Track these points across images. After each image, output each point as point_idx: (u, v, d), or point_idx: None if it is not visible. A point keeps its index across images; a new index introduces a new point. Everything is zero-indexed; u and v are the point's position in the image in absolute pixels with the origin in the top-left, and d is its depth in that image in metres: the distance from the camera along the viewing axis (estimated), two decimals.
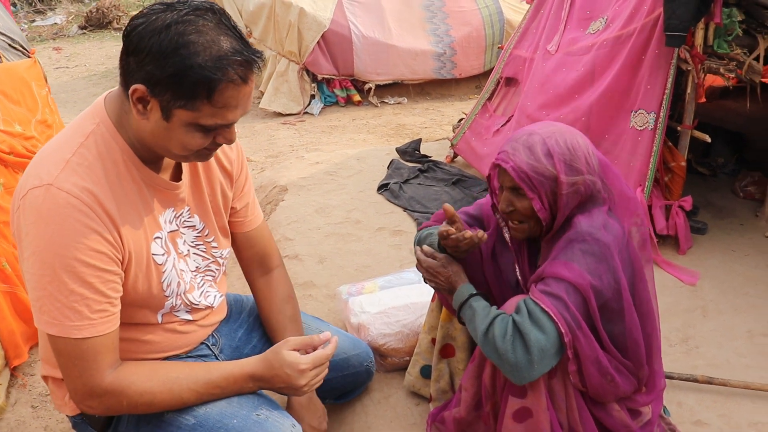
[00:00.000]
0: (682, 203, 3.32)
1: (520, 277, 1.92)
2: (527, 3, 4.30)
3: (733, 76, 3.18)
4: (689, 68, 3.15)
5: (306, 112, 6.56)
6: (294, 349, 1.66)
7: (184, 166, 1.71)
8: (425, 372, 2.23)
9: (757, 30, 3.19)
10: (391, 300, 2.55)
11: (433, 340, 2.15)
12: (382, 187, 4.20)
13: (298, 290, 3.05)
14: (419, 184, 4.27)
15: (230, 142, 1.54)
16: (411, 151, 4.81)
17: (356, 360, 2.18)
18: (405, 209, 3.91)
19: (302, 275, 3.19)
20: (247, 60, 1.43)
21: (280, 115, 6.54)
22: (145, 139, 1.52)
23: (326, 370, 1.72)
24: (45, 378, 1.76)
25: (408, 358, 2.38)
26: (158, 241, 1.63)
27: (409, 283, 2.70)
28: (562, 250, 1.72)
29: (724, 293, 3.01)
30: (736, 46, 3.17)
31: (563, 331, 1.65)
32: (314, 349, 1.71)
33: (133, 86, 1.42)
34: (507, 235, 1.93)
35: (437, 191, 4.17)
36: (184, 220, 1.73)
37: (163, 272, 1.65)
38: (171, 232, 1.69)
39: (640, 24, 3.22)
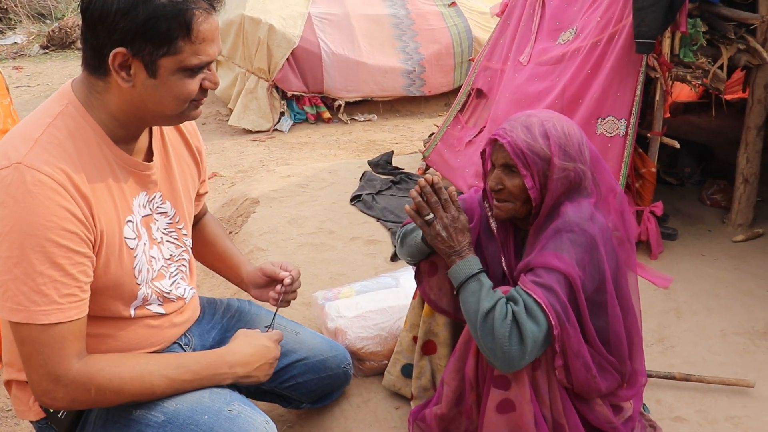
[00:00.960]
0: (653, 209, 3.37)
1: (506, 268, 1.91)
2: (497, 16, 4.35)
3: (699, 83, 3.25)
4: (657, 76, 3.22)
5: (276, 129, 6.53)
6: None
7: (156, 149, 1.69)
8: (406, 371, 2.21)
9: (720, 41, 3.28)
10: (369, 304, 2.53)
11: (415, 338, 2.13)
12: (355, 199, 4.18)
13: None
14: (392, 195, 4.27)
15: (215, 85, 1.55)
16: (383, 164, 4.81)
17: (333, 362, 2.15)
18: (378, 219, 3.90)
19: None
20: None
21: (250, 132, 6.50)
22: (131, 110, 1.51)
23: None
24: (8, 383, 1.68)
25: (386, 362, 2.35)
26: (130, 224, 1.59)
27: (386, 287, 2.68)
28: (550, 239, 1.72)
29: (696, 295, 3.05)
30: (701, 56, 3.25)
31: (554, 323, 1.64)
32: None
33: (112, 53, 1.41)
34: (494, 225, 1.93)
35: (410, 202, 4.16)
36: (157, 206, 1.70)
37: (135, 257, 1.60)
38: (145, 216, 1.65)
39: (608, 33, 3.28)
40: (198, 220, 2.06)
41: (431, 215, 1.82)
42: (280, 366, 2.01)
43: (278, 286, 2.00)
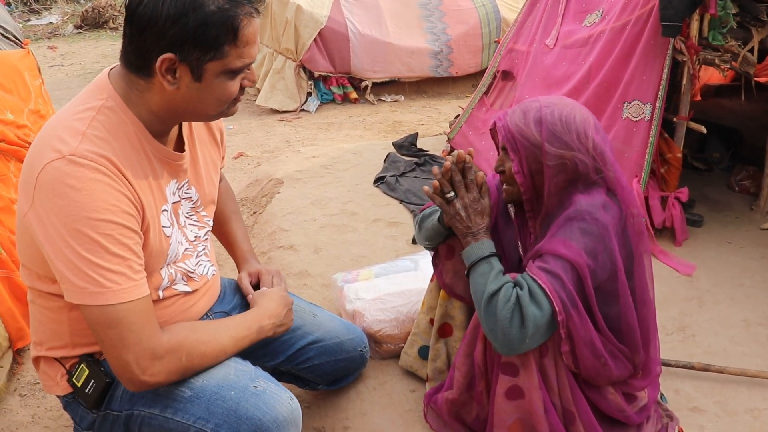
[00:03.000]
0: (679, 194, 3.32)
1: (522, 253, 1.90)
2: None
3: (728, 67, 3.18)
4: (685, 59, 3.15)
5: (303, 110, 6.56)
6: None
7: (185, 138, 1.73)
8: (423, 353, 2.22)
9: (751, 23, 3.20)
10: (387, 286, 2.54)
11: (432, 321, 2.14)
12: (379, 180, 4.19)
13: (292, 279, 3.05)
14: (416, 177, 4.26)
15: (253, 82, 1.59)
16: (408, 146, 4.80)
17: (350, 345, 2.17)
18: (401, 201, 3.90)
19: (297, 265, 3.18)
20: None
21: (277, 112, 6.53)
22: (171, 109, 1.55)
23: None
24: (36, 360, 1.73)
25: (403, 345, 2.37)
26: (165, 213, 1.65)
27: (405, 271, 2.69)
28: (561, 227, 1.71)
29: (720, 284, 3.00)
30: (730, 39, 3.18)
31: (557, 309, 1.63)
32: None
33: (160, 58, 1.44)
34: (511, 210, 1.92)
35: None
36: (185, 192, 1.74)
37: (170, 245, 1.65)
38: (174, 203, 1.70)
39: (635, 15, 3.22)
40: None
41: (452, 193, 1.83)
42: (297, 347, 2.05)
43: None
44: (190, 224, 1.78)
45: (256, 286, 2.02)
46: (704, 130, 3.30)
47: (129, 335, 1.47)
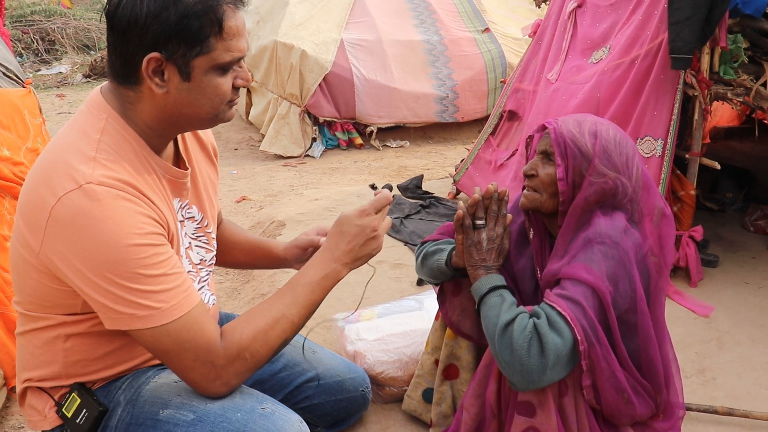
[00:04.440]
0: (693, 233, 3.22)
1: (540, 275, 1.80)
2: (529, 37, 4.27)
3: (741, 101, 3.11)
4: (696, 94, 3.09)
5: (307, 155, 6.51)
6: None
7: (183, 155, 1.67)
8: (427, 396, 2.09)
9: (763, 58, 3.15)
10: (390, 327, 2.43)
11: (437, 362, 2.02)
12: None
13: None
14: (420, 219, 4.18)
15: (247, 81, 1.52)
16: (413, 188, 4.73)
17: (351, 384, 2.06)
18: (406, 243, 3.81)
19: None
20: None
21: (281, 157, 6.49)
22: (165, 117, 1.48)
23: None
24: (22, 394, 1.62)
25: (407, 388, 2.24)
26: (181, 231, 1.60)
27: (409, 310, 2.57)
28: (580, 249, 1.61)
29: (739, 324, 2.87)
30: (742, 73, 3.12)
31: (579, 338, 1.52)
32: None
33: (146, 59, 1.39)
34: (530, 234, 1.83)
35: (439, 226, 4.07)
36: (186, 211, 1.67)
37: (182, 264, 1.58)
38: (179, 222, 1.62)
39: (644, 50, 3.17)
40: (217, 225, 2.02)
41: (483, 221, 1.76)
42: (295, 384, 1.96)
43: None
44: (196, 245, 1.71)
45: None
46: (718, 166, 3.22)
47: (186, 354, 1.43)
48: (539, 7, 4.73)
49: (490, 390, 1.68)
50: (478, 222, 1.76)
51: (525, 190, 1.78)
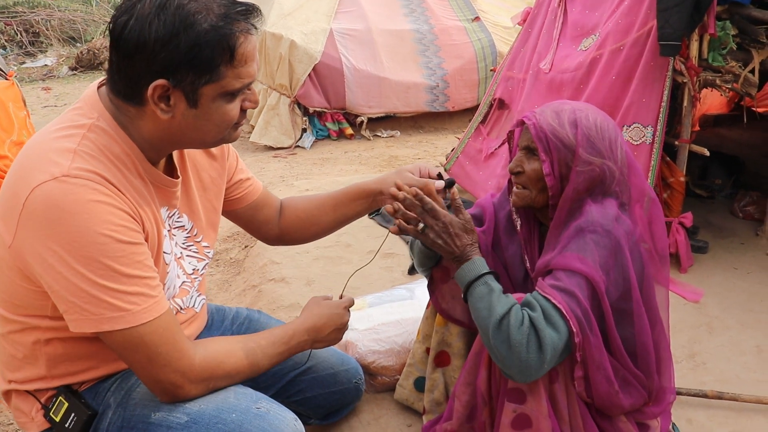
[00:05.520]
0: (682, 220, 3.23)
1: (528, 268, 1.79)
2: (519, 25, 4.26)
3: (729, 88, 3.12)
4: (685, 81, 3.09)
5: (297, 146, 6.48)
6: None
7: (176, 163, 1.61)
8: (419, 384, 2.10)
9: (751, 45, 3.15)
10: (381, 316, 2.43)
11: (428, 350, 2.02)
12: (374, 212, 4.08)
13: (283, 313, 2.93)
14: None
15: (256, 104, 1.48)
16: None
17: (344, 376, 2.06)
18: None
19: (288, 298, 3.07)
20: (247, 9, 1.39)
21: (271, 148, 6.46)
22: (166, 137, 1.44)
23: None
24: (7, 395, 1.59)
25: (399, 377, 2.24)
26: (166, 239, 1.54)
27: (400, 299, 2.58)
28: (572, 239, 1.60)
29: (729, 309, 2.89)
30: (731, 60, 3.13)
31: (575, 330, 1.52)
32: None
33: (152, 85, 1.33)
34: (518, 223, 1.82)
35: None
36: (175, 221, 1.62)
37: (168, 272, 1.55)
38: (167, 231, 1.58)
39: (632, 37, 3.16)
40: (282, 209, 2.02)
41: (421, 225, 1.71)
42: (288, 378, 1.96)
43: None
44: (188, 255, 1.67)
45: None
46: (707, 153, 3.23)
47: (157, 358, 1.40)
48: None
49: (481, 378, 1.68)
50: (419, 228, 1.71)
51: (514, 188, 1.75)
